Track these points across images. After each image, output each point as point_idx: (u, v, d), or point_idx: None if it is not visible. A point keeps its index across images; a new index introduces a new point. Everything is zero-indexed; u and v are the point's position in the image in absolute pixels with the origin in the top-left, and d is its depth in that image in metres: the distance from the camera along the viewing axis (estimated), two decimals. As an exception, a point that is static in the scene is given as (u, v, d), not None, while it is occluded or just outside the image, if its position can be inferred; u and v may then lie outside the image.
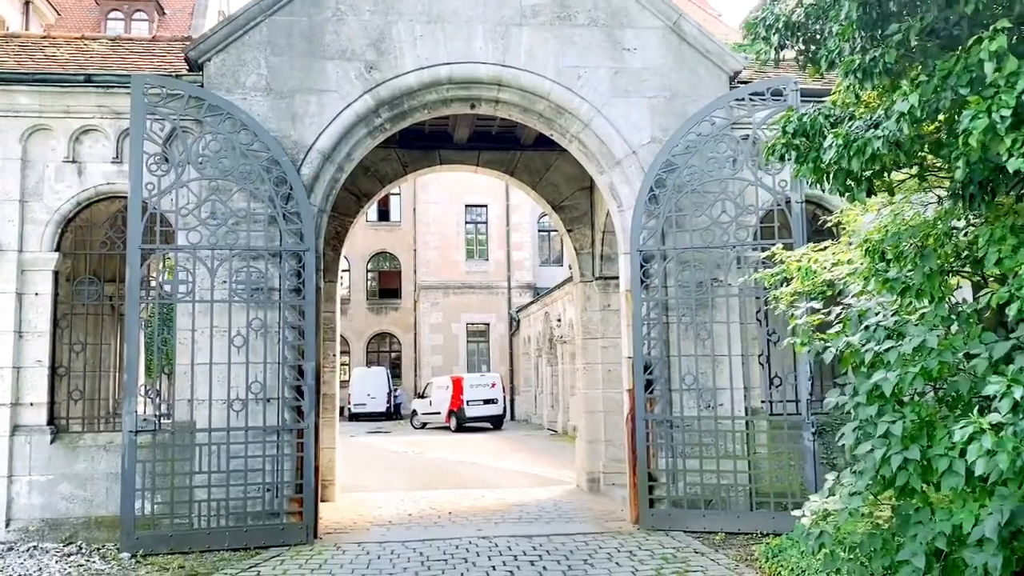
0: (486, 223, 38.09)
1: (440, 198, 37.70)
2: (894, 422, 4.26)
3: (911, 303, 4.42)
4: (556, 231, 40.53)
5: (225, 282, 8.55)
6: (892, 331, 4.39)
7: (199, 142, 8.65)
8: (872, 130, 3.96)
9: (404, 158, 12.00)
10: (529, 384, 34.02)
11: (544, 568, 7.29)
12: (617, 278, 11.73)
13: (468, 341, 37.55)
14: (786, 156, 4.69)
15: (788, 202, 8.80)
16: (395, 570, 7.32)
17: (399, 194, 44.34)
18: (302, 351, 8.63)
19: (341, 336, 43.58)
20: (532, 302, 33.35)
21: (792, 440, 8.60)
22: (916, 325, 4.22)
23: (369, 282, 44.68)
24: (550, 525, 9.32)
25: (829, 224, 8.41)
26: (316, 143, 9.03)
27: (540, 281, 37.30)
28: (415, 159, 12.03)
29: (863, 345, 4.47)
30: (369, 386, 36.53)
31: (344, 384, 40.07)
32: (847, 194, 4.54)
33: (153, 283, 10.17)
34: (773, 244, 8.67)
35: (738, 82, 9.67)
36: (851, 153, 3.97)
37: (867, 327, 4.43)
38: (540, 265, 39.24)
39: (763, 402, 9.57)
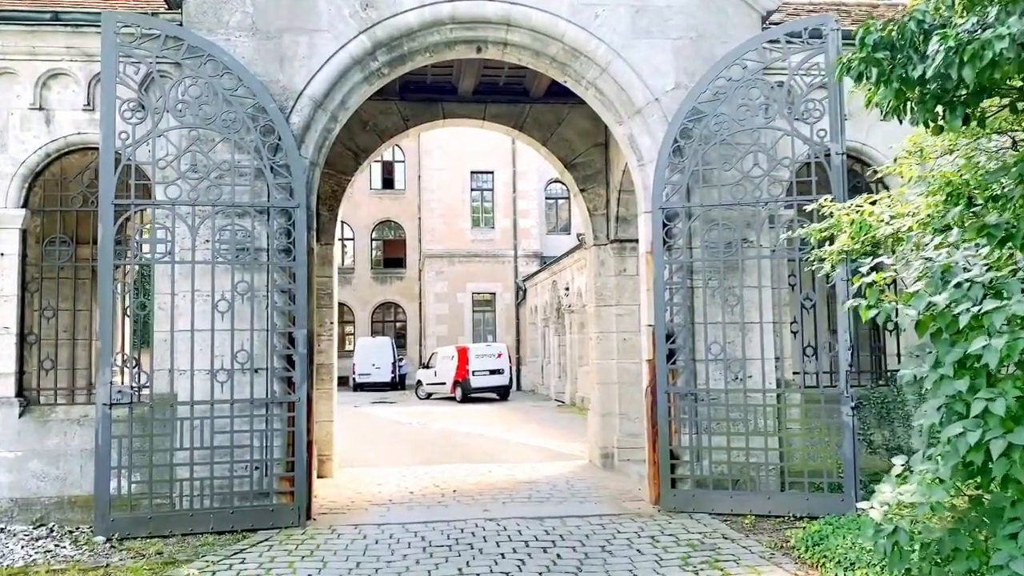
0: (492, 190, 37.22)
1: (445, 164, 36.82)
2: (993, 399, 3.49)
3: (1011, 255, 3.63)
4: (564, 198, 39.78)
5: (208, 241, 7.79)
6: (989, 289, 3.61)
7: (178, 87, 7.84)
8: (990, 31, 3.15)
9: (405, 111, 11.16)
10: (536, 354, 33.37)
11: (558, 556, 6.60)
12: (634, 241, 10.99)
13: (474, 311, 36.88)
14: (865, 74, 3.87)
15: (827, 154, 7.96)
16: (394, 557, 6.63)
17: (403, 162, 43.60)
18: (293, 317, 7.90)
19: (345, 306, 43.77)
20: (539, 271, 32.58)
21: (829, 415, 7.85)
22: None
23: (373, 251, 44.02)
24: (563, 506, 8.63)
25: (880, 175, 7.60)
26: (307, 89, 8.21)
27: (547, 250, 36.51)
28: (417, 112, 11.19)
29: (951, 306, 3.68)
30: (374, 356, 36.05)
31: (348, 354, 39.63)
32: (933, 124, 3.73)
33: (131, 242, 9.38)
34: (810, 200, 7.93)
35: (770, 23, 8.78)
36: (963, 59, 3.16)
37: (958, 284, 3.64)
38: (547, 233, 38.42)
39: (795, 373, 8.82)
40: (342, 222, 43.05)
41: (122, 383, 7.78)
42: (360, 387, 35.54)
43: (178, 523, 7.42)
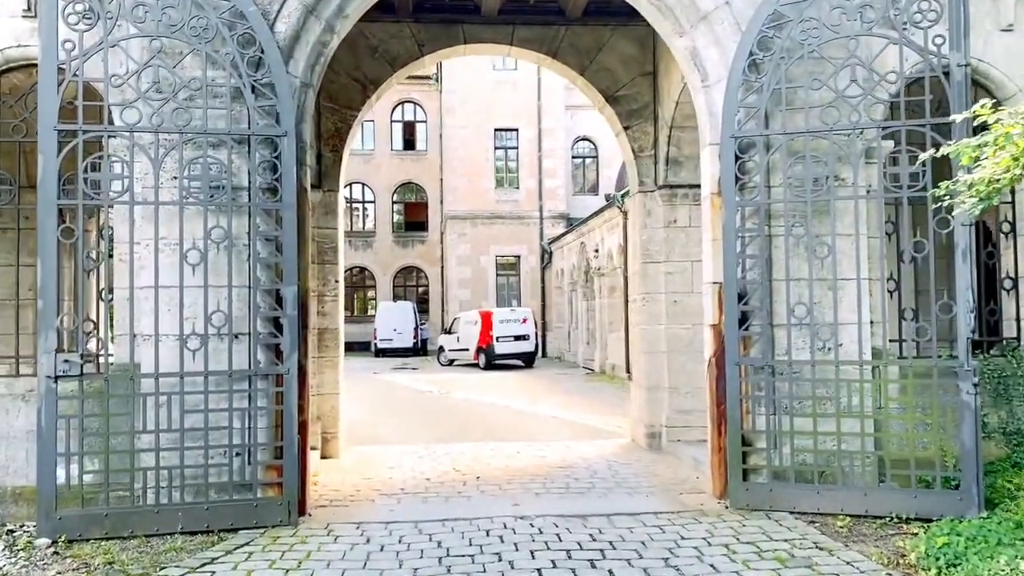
0: (516, 149, 35.56)
1: (467, 122, 35.16)
2: None
3: None
4: (592, 158, 38.03)
5: (175, 178, 6.34)
6: None
7: (136, -14, 6.34)
8: None
9: (419, 35, 9.57)
10: (562, 319, 31.95)
11: (610, 573, 5.16)
12: (686, 187, 9.43)
13: (497, 274, 35.45)
14: None
15: (946, 69, 6.31)
16: (401, 571, 5.23)
17: (425, 122, 42.12)
18: (280, 271, 6.46)
19: (366, 270, 42.67)
20: (566, 232, 31.00)
21: (943, 392, 6.31)
22: None
23: (395, 214, 42.71)
24: (608, 499, 7.19)
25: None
26: (296, -10, 6.68)
27: (574, 211, 34.90)
28: (433, 36, 9.60)
29: None
30: (395, 321, 34.99)
31: (370, 319, 38.45)
32: None
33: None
34: (922, 126, 6.34)
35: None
36: None
37: None
38: (574, 194, 36.82)
39: (892, 341, 7.26)
40: (362, 184, 42.31)
41: (89, 351, 6.40)
42: (381, 352, 34.59)
43: (141, 521, 6.07)
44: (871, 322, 6.74)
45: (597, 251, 25.16)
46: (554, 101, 35.22)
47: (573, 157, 37.33)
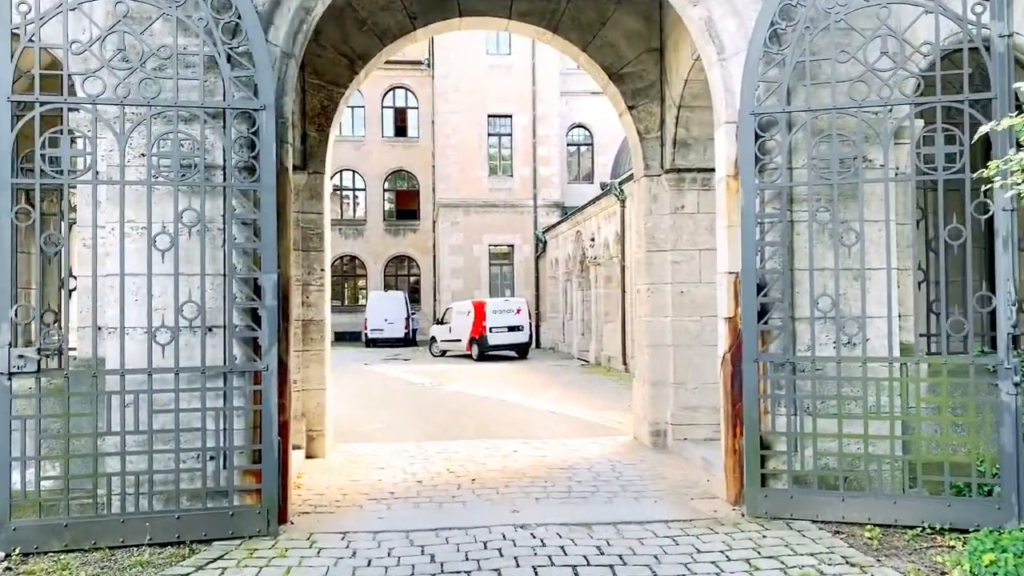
0: (511, 135, 34.92)
1: (460, 108, 34.50)
2: None
3: None
4: (587, 145, 37.41)
5: (143, 155, 5.77)
6: None
7: (99, -56, 5.76)
8: None
9: (411, 7, 8.98)
10: (556, 310, 31.45)
11: (622, 593, 4.66)
12: (694, 171, 8.90)
13: (491, 264, 34.88)
14: None
15: (987, 42, 5.79)
16: (391, 592, 4.72)
17: (417, 108, 41.52)
18: (258, 258, 5.90)
19: (357, 259, 42.05)
20: (561, 221, 30.45)
21: (980, 391, 5.82)
22: None
23: (386, 203, 42.13)
24: (614, 505, 6.69)
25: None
26: (276, -50, 6.10)
27: (569, 199, 34.37)
28: (426, 8, 9.00)
29: None
30: (386, 311, 34.47)
31: (361, 309, 37.86)
32: None
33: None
34: (959, 102, 5.82)
35: None
36: None
37: None
38: (569, 182, 36.26)
39: (921, 336, 6.76)
40: (353, 171, 41.64)
41: (49, 344, 5.83)
42: (372, 343, 34.12)
43: (105, 532, 5.53)
44: (899, 316, 6.25)
45: (593, 240, 24.63)
46: (549, 87, 34.59)
47: (568, 144, 36.76)
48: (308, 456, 8.65)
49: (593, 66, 9.29)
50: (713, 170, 8.99)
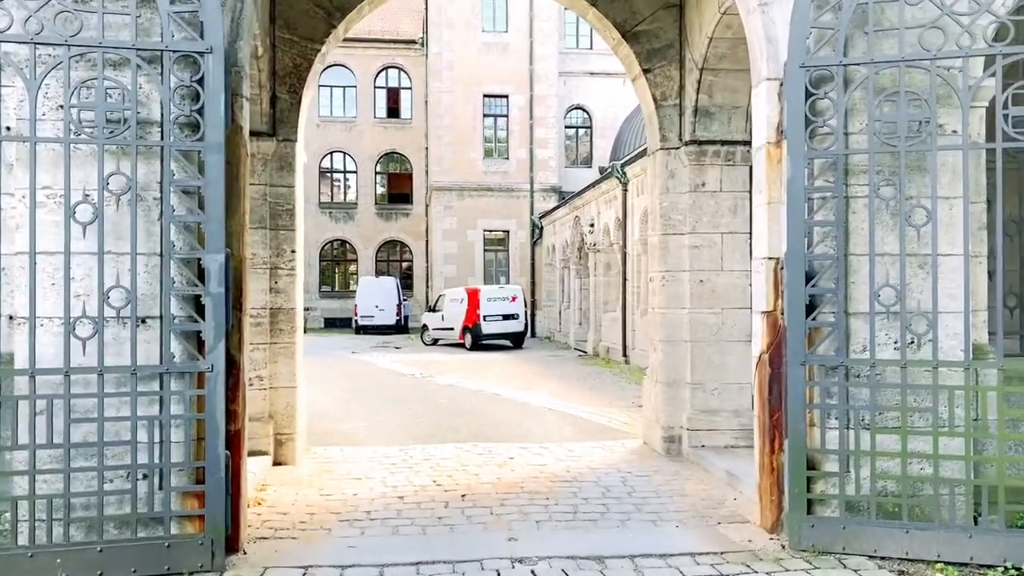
0: (506, 116, 33.76)
1: (455, 87, 33.30)
2: None
3: None
4: (585, 127, 36.26)
5: (61, 107, 4.71)
6: None
7: None
8: None
9: (398, -48, 7.90)
10: (553, 298, 30.43)
11: (651, 664, 3.64)
12: (717, 143, 7.86)
13: (485, 250, 33.80)
14: None
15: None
16: (356, 659, 3.70)
17: (410, 88, 40.42)
18: (202, 235, 4.85)
19: (348, 243, 41.01)
20: (558, 206, 29.36)
21: (1075, 406, 4.83)
22: None
23: (378, 186, 41.07)
24: (628, 531, 5.67)
25: None
26: None
27: (566, 184, 33.30)
28: (415, -45, 7.93)
29: None
30: (377, 297, 33.52)
31: (351, 294, 36.80)
32: None
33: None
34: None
35: None
36: None
37: None
38: (566, 166, 35.17)
39: (992, 334, 5.75)
40: (344, 153, 40.57)
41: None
42: (362, 329, 33.20)
43: (9, 569, 4.50)
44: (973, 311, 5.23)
45: (592, 226, 23.58)
46: (547, 66, 33.43)
47: (566, 127, 35.64)
48: (276, 463, 7.62)
49: (603, 22, 8.22)
50: (739, 142, 8.01)
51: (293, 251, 7.82)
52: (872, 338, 5.06)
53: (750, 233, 8.06)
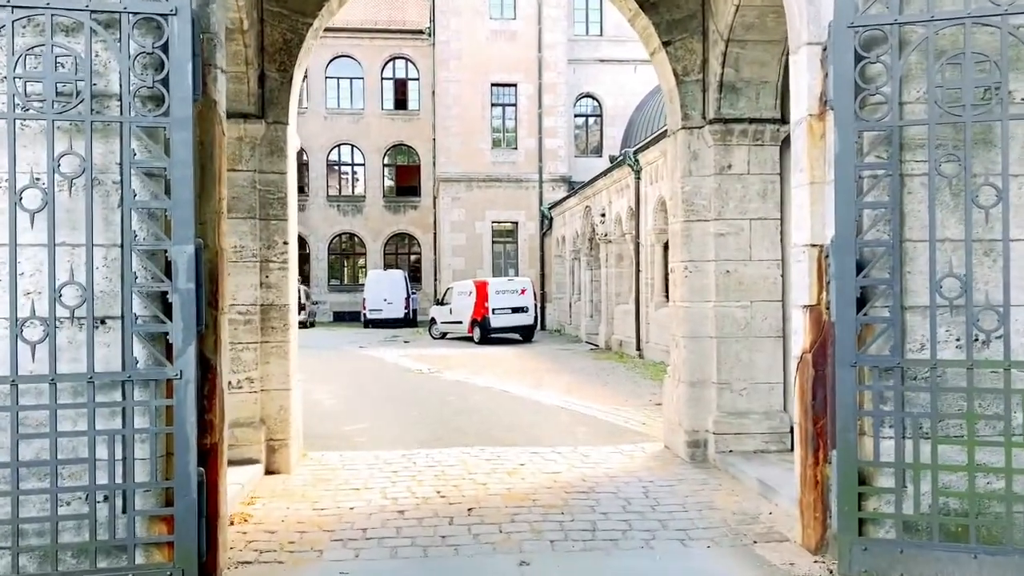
0: (515, 106, 33.06)
1: (462, 76, 32.64)
2: None
3: None
4: (595, 116, 35.52)
5: (4, 78, 4.12)
6: None
7: None
8: None
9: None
10: (563, 290, 29.80)
11: None
12: (745, 121, 7.24)
13: (494, 241, 33.19)
14: None
15: None
16: None
17: (418, 79, 39.91)
18: (168, 221, 4.26)
19: (356, 236, 40.60)
20: (568, 196, 28.69)
21: None
22: None
23: (386, 178, 40.58)
24: (655, 553, 5.06)
25: None
26: None
27: (576, 174, 32.63)
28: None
29: None
30: (385, 291, 33.12)
31: (360, 288, 36.26)
32: None
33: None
34: None
35: None
36: None
37: None
38: (576, 156, 34.48)
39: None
40: (351, 146, 40.07)
41: None
42: (371, 323, 32.84)
43: (-51, 607, 3.96)
44: (1045, 303, 4.59)
45: (604, 216, 22.92)
46: (556, 54, 32.71)
47: (576, 116, 34.92)
48: (268, 472, 7.06)
49: (619, -8, 7.58)
50: (767, 120, 7.37)
51: (285, 242, 7.23)
52: (933, 335, 4.43)
53: (780, 219, 7.44)
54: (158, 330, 4.22)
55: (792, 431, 7.38)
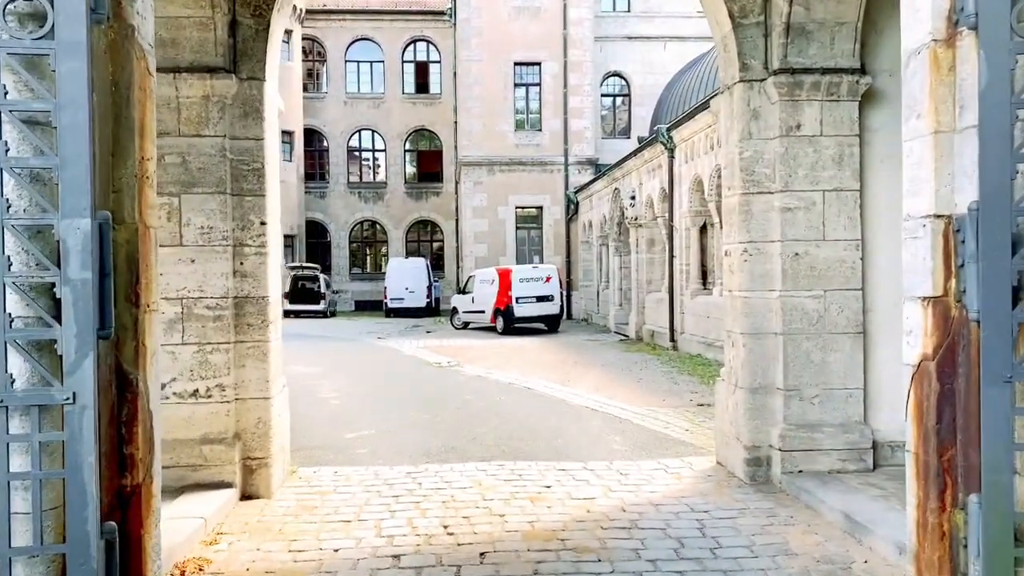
0: (539, 85, 31.71)
1: (483, 55, 31.36)
2: None
3: None
4: (623, 95, 34.05)
5: None
6: None
7: None
8: None
9: None
10: (590, 278, 28.52)
11: None
12: (817, 71, 5.97)
13: (517, 227, 31.94)
14: None
15: None
16: None
17: (439, 62, 38.69)
18: (52, 186, 3.09)
19: (377, 224, 39.61)
20: (595, 179, 27.37)
21: None
22: None
23: (407, 164, 39.54)
24: (722, 622, 3.85)
25: None
26: None
27: (603, 156, 31.28)
28: None
29: None
30: (407, 279, 32.18)
31: (381, 276, 35.21)
32: None
33: None
34: None
35: None
36: None
37: None
38: (603, 137, 33.11)
39: None
40: (372, 131, 39.03)
41: None
42: (392, 312, 31.96)
43: None
44: None
45: (634, 198, 21.57)
46: (582, 31, 31.26)
47: (602, 95, 33.50)
48: (245, 496, 5.92)
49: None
50: (845, 70, 6.07)
51: (263, 223, 6.06)
52: (1125, 340, 3.16)
53: (860, 190, 6.14)
54: (44, 336, 3.06)
55: (874, 447, 6.11)
